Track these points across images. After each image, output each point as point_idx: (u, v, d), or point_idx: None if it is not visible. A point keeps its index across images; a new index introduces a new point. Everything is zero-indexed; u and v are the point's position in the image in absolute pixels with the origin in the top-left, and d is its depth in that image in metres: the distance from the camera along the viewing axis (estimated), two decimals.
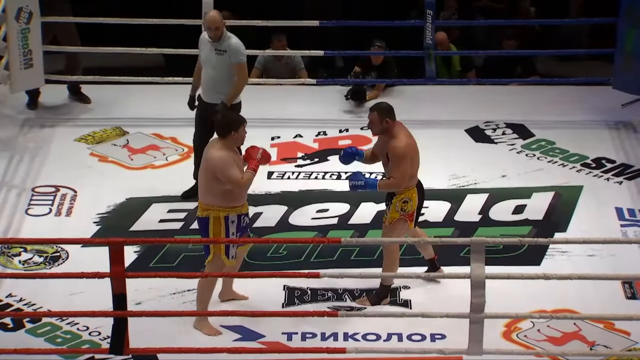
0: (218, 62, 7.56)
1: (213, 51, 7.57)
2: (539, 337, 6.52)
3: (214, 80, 7.59)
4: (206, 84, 7.64)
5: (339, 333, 6.52)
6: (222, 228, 6.41)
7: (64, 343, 6.42)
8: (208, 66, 7.60)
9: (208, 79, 7.62)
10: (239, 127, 6.43)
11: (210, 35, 7.56)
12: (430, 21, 8.93)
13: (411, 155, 6.62)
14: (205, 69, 7.63)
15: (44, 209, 7.74)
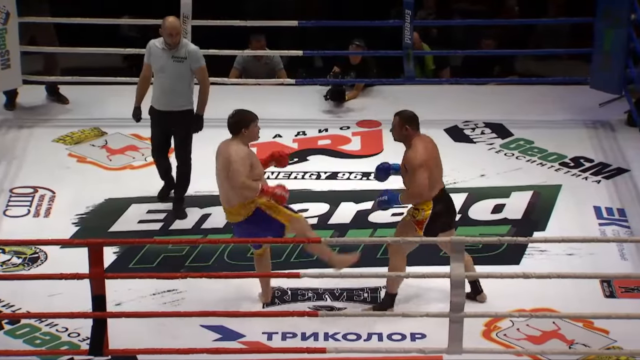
0: (177, 69, 7.44)
1: (170, 59, 7.43)
2: (519, 336, 6.55)
3: (173, 88, 7.47)
4: (163, 93, 7.48)
5: (319, 333, 6.52)
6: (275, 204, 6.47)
7: (43, 344, 6.39)
8: (165, 75, 7.45)
9: (165, 88, 7.46)
10: (250, 124, 6.54)
11: (169, 42, 7.41)
12: (408, 21, 8.95)
13: (428, 166, 6.49)
14: (160, 78, 7.47)
15: (22, 210, 7.71)
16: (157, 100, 7.54)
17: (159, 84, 7.50)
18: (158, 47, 7.48)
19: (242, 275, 6.72)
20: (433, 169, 6.54)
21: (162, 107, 7.53)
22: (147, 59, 7.53)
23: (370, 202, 7.86)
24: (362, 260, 7.14)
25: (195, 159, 7.93)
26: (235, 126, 6.56)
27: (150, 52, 7.52)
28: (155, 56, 7.49)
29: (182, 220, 7.57)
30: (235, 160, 6.45)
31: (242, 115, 6.62)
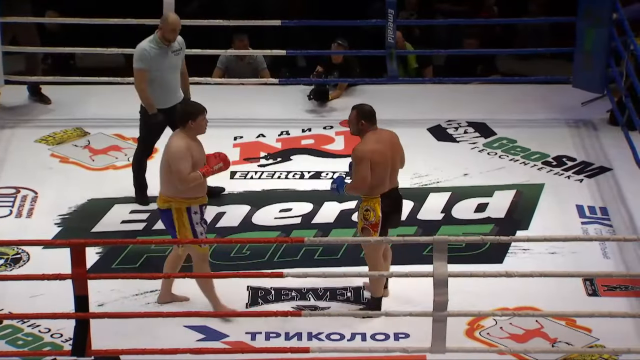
0: (176, 63, 7.53)
1: (171, 54, 7.48)
2: (502, 334, 6.56)
3: (176, 82, 7.55)
4: (169, 90, 7.51)
5: (302, 333, 6.52)
6: (186, 219, 6.45)
7: (25, 345, 6.37)
8: (168, 72, 7.47)
9: (171, 84, 7.51)
10: (197, 116, 6.47)
11: (170, 38, 7.44)
12: (391, 20, 8.95)
13: (374, 161, 6.45)
14: (162, 77, 7.46)
15: (4, 211, 7.68)
16: (160, 99, 7.50)
17: (166, 83, 7.48)
18: (155, 48, 7.44)
19: (225, 275, 6.71)
20: (381, 164, 6.48)
21: (166, 104, 7.52)
22: (146, 64, 7.41)
23: (354, 202, 7.86)
24: (346, 259, 7.17)
25: None
26: (183, 117, 6.50)
27: (149, 56, 7.42)
28: (155, 58, 7.43)
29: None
30: (174, 157, 6.39)
31: (190, 107, 6.57)
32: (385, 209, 6.52)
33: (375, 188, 6.50)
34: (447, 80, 9.64)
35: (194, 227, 6.47)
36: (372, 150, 6.46)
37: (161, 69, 7.46)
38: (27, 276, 6.55)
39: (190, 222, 6.47)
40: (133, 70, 7.49)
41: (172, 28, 7.45)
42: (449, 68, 10.10)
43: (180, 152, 6.40)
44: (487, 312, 6.36)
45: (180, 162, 6.38)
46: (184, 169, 6.38)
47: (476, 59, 10.15)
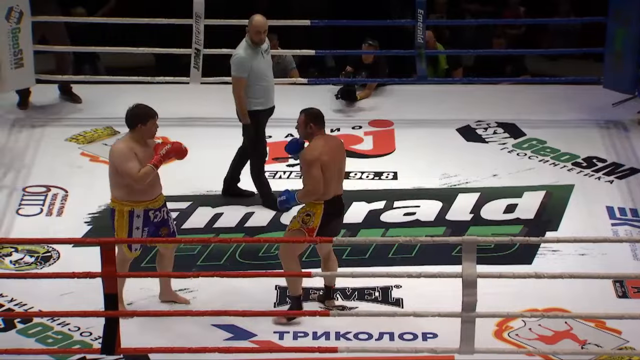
0: (269, 62, 7.61)
1: (264, 54, 7.52)
2: (531, 336, 6.53)
3: (272, 81, 7.63)
4: (270, 91, 7.58)
5: (330, 332, 6.52)
6: (126, 222, 6.45)
7: (55, 343, 6.40)
8: (266, 73, 7.53)
9: (270, 84, 7.60)
10: (147, 120, 6.43)
11: (257, 40, 7.44)
12: (421, 21, 8.94)
13: (323, 164, 6.35)
14: (262, 80, 7.50)
15: (35, 209, 7.73)
16: (267, 100, 7.58)
17: (261, 85, 7.50)
18: (251, 54, 7.45)
19: (254, 275, 6.72)
20: (329, 169, 6.38)
21: (267, 105, 7.60)
22: (246, 73, 7.43)
23: (382, 201, 7.86)
24: (374, 259, 7.16)
25: (206, 159, 7.96)
26: (132, 120, 6.43)
27: (248, 63, 7.43)
28: (254, 63, 7.45)
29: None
30: (120, 162, 6.37)
31: (140, 110, 6.49)
32: (326, 217, 6.42)
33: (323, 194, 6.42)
34: (476, 81, 9.62)
35: (132, 231, 6.44)
36: (320, 154, 6.38)
37: (259, 71, 7.48)
38: (57, 274, 6.59)
39: (129, 226, 6.44)
40: (231, 78, 7.49)
41: (257, 30, 7.44)
42: (478, 68, 10.08)
43: (123, 154, 6.37)
44: (516, 313, 6.33)
45: (125, 163, 6.35)
46: (132, 168, 6.34)
47: (506, 59, 10.11)
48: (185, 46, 8.94)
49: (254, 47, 7.47)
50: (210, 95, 9.18)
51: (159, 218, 6.55)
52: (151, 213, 6.50)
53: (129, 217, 6.46)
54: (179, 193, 7.62)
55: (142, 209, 6.46)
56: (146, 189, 6.44)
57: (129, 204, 6.46)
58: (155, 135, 6.53)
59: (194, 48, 8.91)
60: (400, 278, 6.86)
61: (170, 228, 6.63)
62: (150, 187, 6.46)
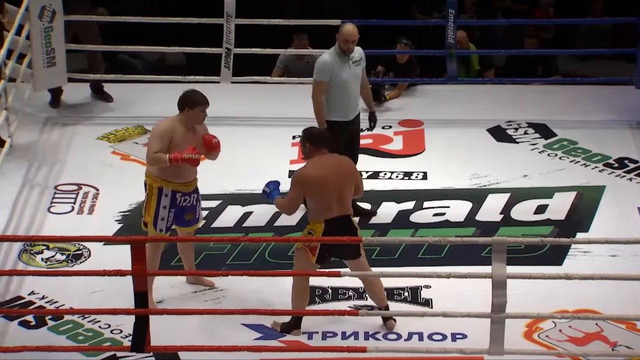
0: (357, 73, 7.34)
1: (352, 65, 7.30)
2: (561, 337, 6.50)
3: (357, 93, 7.37)
4: (351, 101, 7.34)
5: (359, 332, 6.52)
6: (154, 198, 6.56)
7: (85, 341, 6.44)
8: (349, 82, 7.30)
9: (353, 94, 7.34)
10: (194, 106, 6.53)
11: (344, 49, 7.25)
12: (452, 20, 8.92)
13: (308, 187, 6.27)
14: (344, 89, 7.28)
15: (66, 207, 7.78)
16: (345, 112, 7.34)
17: (343, 95, 7.29)
18: (335, 59, 7.30)
19: (283, 274, 6.72)
20: (320, 190, 6.26)
21: (349, 116, 7.35)
22: (326, 77, 7.26)
23: (412, 202, 7.85)
24: (403, 259, 7.15)
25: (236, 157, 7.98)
26: (181, 103, 6.55)
27: (330, 68, 7.26)
28: (337, 70, 7.27)
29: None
30: (152, 135, 6.52)
31: (192, 95, 6.58)
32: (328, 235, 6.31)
33: (318, 213, 6.33)
34: (507, 81, 9.58)
35: (159, 208, 6.56)
36: (308, 177, 6.30)
37: (341, 80, 7.27)
38: (87, 272, 6.63)
39: (157, 203, 6.55)
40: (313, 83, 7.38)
41: (345, 39, 7.26)
42: (509, 68, 10.04)
43: (157, 131, 6.50)
44: (546, 314, 6.30)
45: (153, 140, 6.49)
46: (153, 147, 6.48)
47: (537, 60, 10.07)
48: (215, 45, 8.97)
49: (341, 55, 7.29)
50: (240, 94, 9.20)
51: (187, 202, 6.65)
52: (179, 195, 6.60)
53: (157, 194, 6.57)
54: (208, 192, 7.64)
55: (170, 189, 6.57)
56: (178, 171, 6.54)
57: (159, 181, 6.57)
58: (201, 123, 6.59)
59: (224, 47, 8.93)
60: (430, 278, 6.85)
61: (196, 214, 6.73)
62: (182, 170, 6.55)
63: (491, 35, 10.67)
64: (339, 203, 6.34)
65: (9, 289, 6.83)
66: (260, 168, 8.14)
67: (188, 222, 6.72)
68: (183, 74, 9.13)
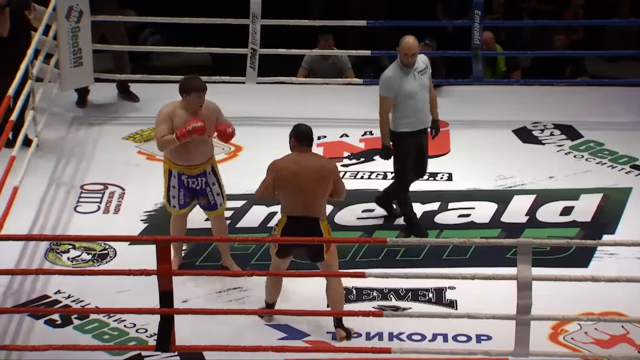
0: (423, 83, 7.26)
1: (416, 75, 7.22)
2: (586, 339, 6.47)
3: (425, 103, 7.27)
4: (420, 112, 7.25)
5: (383, 333, 6.52)
6: (166, 178, 6.91)
7: (111, 340, 6.47)
8: (417, 93, 7.21)
9: (420, 106, 7.24)
10: (190, 92, 6.74)
11: (405, 62, 7.18)
12: (478, 21, 8.90)
13: (279, 176, 6.34)
14: (411, 101, 7.20)
15: (92, 207, 7.81)
16: (414, 123, 7.27)
17: (411, 107, 7.21)
18: (399, 73, 7.21)
19: (308, 275, 6.73)
20: (288, 183, 6.32)
21: (415, 127, 7.28)
22: (391, 92, 7.20)
23: (437, 203, 7.83)
24: (428, 260, 7.14)
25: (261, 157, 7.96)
26: (180, 88, 6.79)
27: (393, 83, 7.19)
28: (401, 83, 7.20)
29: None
30: (156, 121, 6.78)
31: (187, 81, 6.81)
32: (286, 233, 6.35)
33: (283, 206, 6.41)
34: (532, 82, 9.55)
35: (169, 187, 6.88)
36: (279, 166, 6.38)
37: (407, 92, 7.21)
38: (113, 271, 6.67)
39: (168, 181, 6.89)
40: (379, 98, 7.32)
41: (405, 52, 7.19)
42: (537, 69, 10.00)
43: (160, 115, 6.78)
44: (571, 316, 6.28)
45: (158, 124, 6.76)
46: (159, 132, 6.74)
47: (565, 61, 10.02)
48: (241, 46, 8.98)
49: (404, 68, 7.22)
50: (265, 94, 9.22)
51: (195, 185, 6.88)
52: (184, 177, 6.87)
53: (168, 175, 6.90)
54: (233, 192, 7.65)
55: (177, 171, 6.85)
56: (181, 154, 6.81)
57: (168, 163, 6.88)
58: (199, 108, 6.76)
59: (250, 48, 8.95)
60: (454, 279, 6.83)
61: (211, 200, 6.93)
62: (185, 153, 6.81)
63: (517, 36, 10.63)
64: (306, 203, 6.35)
65: (36, 288, 6.87)
66: None
67: (205, 207, 6.98)
68: (209, 74, 9.14)
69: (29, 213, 7.59)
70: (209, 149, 6.91)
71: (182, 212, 7.00)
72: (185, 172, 6.86)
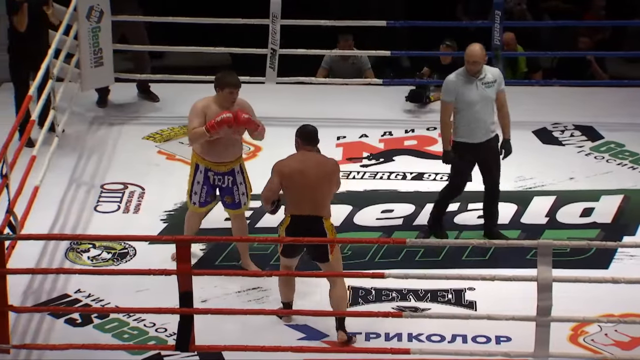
0: (487, 95, 7.10)
1: (480, 86, 7.07)
2: (606, 341, 6.45)
3: (486, 116, 7.11)
4: (479, 124, 7.09)
5: (403, 333, 6.51)
6: (192, 172, 6.95)
7: (131, 339, 6.49)
8: (478, 104, 7.05)
9: (480, 117, 7.08)
10: (223, 88, 6.79)
11: (469, 69, 7.07)
12: (498, 22, 8.88)
13: (284, 177, 6.36)
14: (470, 110, 7.06)
15: (112, 206, 7.84)
16: (471, 133, 7.12)
17: (468, 117, 7.08)
18: (461, 79, 7.11)
19: (326, 275, 6.72)
20: (294, 183, 6.34)
21: (474, 138, 7.13)
22: (451, 97, 7.10)
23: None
24: (447, 261, 7.13)
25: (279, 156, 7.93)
26: (215, 83, 6.85)
27: (454, 88, 7.10)
28: (462, 90, 7.08)
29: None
30: (189, 114, 6.82)
31: (222, 76, 6.86)
32: (290, 232, 6.36)
33: (288, 206, 6.40)
34: (552, 83, 9.52)
35: (194, 182, 6.91)
36: (285, 166, 6.40)
37: (466, 101, 7.07)
38: (133, 271, 6.69)
39: (193, 176, 6.91)
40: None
41: (467, 59, 7.08)
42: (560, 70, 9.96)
43: (193, 109, 6.82)
44: (591, 318, 6.25)
45: (190, 118, 6.79)
46: (191, 125, 6.76)
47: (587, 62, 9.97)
48: (261, 46, 8.99)
49: (468, 76, 7.09)
50: (285, 94, 9.22)
51: (220, 183, 6.92)
52: (210, 174, 6.90)
53: (194, 169, 6.92)
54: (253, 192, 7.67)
55: (204, 166, 6.88)
56: (210, 149, 6.84)
57: (197, 157, 6.90)
58: (231, 104, 6.79)
59: (270, 48, 8.96)
60: (474, 280, 6.82)
61: (236, 199, 6.95)
62: (213, 149, 6.84)
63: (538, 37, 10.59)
64: (312, 202, 6.36)
65: (56, 287, 6.90)
66: None
67: (229, 205, 6.99)
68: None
69: (49, 212, 7.62)
70: (239, 148, 6.96)
71: (200, 210, 7.02)
72: (212, 168, 6.89)
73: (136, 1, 9.21)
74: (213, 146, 6.82)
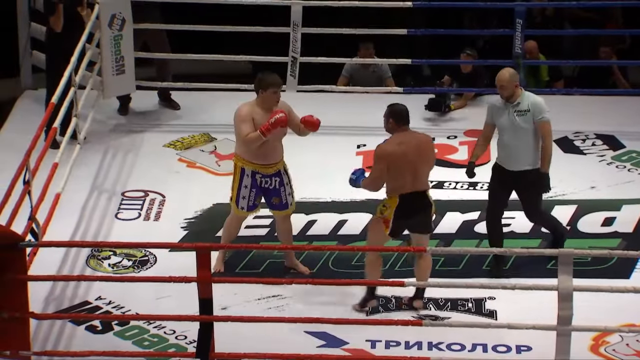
0: (520, 124, 6.97)
1: (512, 114, 6.97)
2: (628, 351, 6.41)
3: (516, 145, 6.99)
4: (511, 150, 7.00)
5: (423, 342, 6.50)
6: (237, 177, 6.93)
7: (151, 346, 6.50)
8: (509, 131, 6.98)
9: (512, 145, 6.99)
10: (267, 88, 6.80)
11: (500, 94, 7.01)
12: (519, 30, 8.86)
13: (390, 162, 6.52)
14: (504, 135, 7.01)
15: (133, 213, 7.86)
16: (504, 158, 7.09)
17: (501, 142, 7.05)
18: (500, 104, 7.04)
19: (346, 283, 6.73)
20: (398, 166, 6.53)
21: (507, 166, 7.08)
22: (487, 118, 7.11)
23: (477, 212, 7.80)
24: (467, 270, 7.11)
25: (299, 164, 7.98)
26: (256, 85, 6.86)
27: (490, 110, 7.10)
28: (496, 114, 7.04)
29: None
30: (237, 121, 6.85)
31: (264, 77, 6.86)
32: (400, 211, 6.59)
33: (394, 187, 6.60)
34: (574, 92, 9.49)
35: (240, 186, 6.90)
36: (390, 152, 6.57)
37: (498, 125, 7.05)
38: (153, 278, 6.70)
39: (239, 181, 6.90)
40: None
41: (496, 84, 6.99)
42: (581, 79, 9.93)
43: (239, 115, 6.83)
44: (613, 327, 6.22)
45: (240, 125, 6.81)
46: (243, 130, 6.78)
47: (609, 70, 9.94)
48: (281, 54, 9.01)
49: (504, 101, 7.01)
50: (305, 102, 9.20)
51: (268, 185, 6.94)
52: (258, 176, 6.91)
53: (240, 173, 6.92)
54: None
55: (250, 170, 6.88)
56: (258, 153, 6.85)
57: (242, 162, 6.90)
58: (275, 104, 6.84)
59: (290, 56, 8.98)
60: (494, 290, 6.80)
61: (283, 200, 6.98)
62: (261, 152, 6.85)
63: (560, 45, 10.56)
64: (415, 179, 6.60)
65: (77, 294, 6.92)
66: (325, 177, 8.17)
67: (276, 206, 7.01)
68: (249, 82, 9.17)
69: (71, 220, 7.66)
70: (282, 149, 7.01)
71: (247, 214, 7.03)
72: (260, 170, 6.91)
73: (158, 9, 9.25)
74: (261, 149, 6.85)
